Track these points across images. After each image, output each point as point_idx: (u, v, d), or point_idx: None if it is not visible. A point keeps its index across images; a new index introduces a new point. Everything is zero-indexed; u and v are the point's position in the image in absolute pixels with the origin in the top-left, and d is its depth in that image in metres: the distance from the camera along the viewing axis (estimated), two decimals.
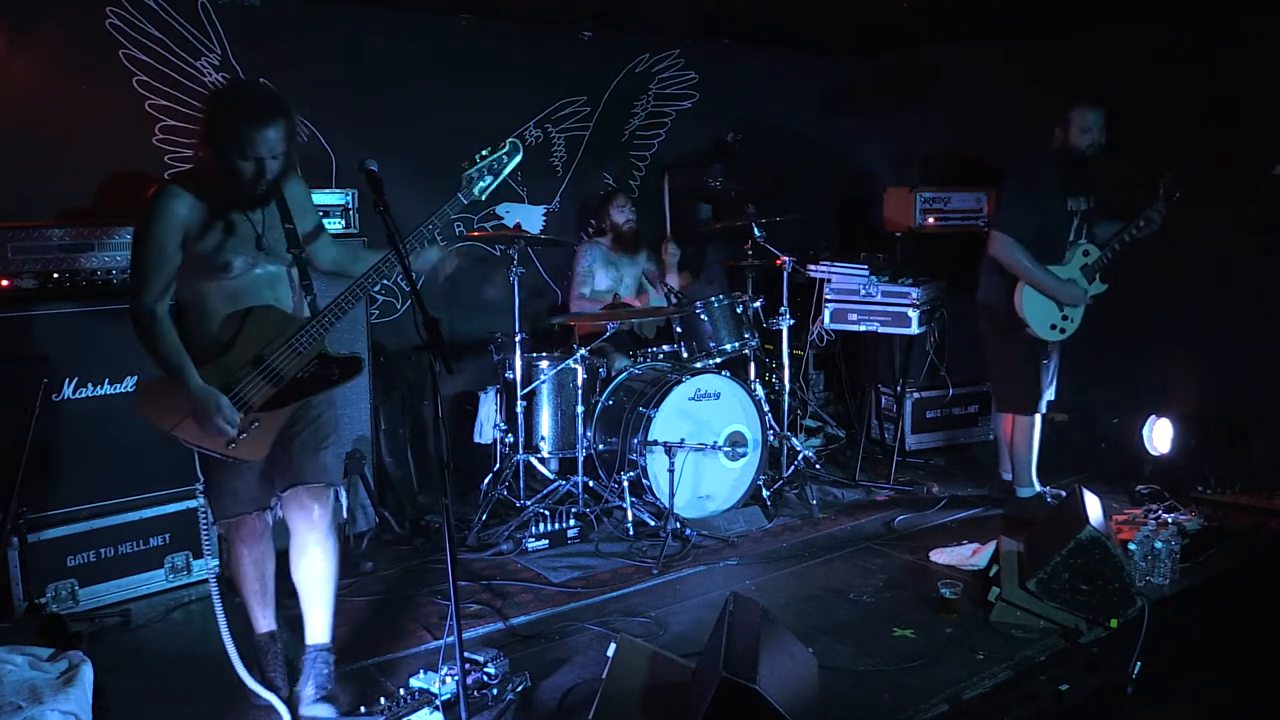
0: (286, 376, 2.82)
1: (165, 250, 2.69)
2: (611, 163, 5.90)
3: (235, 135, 2.64)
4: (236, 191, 2.73)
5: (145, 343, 2.70)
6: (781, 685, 2.47)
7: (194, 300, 2.79)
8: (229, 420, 2.70)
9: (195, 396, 2.67)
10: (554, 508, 4.41)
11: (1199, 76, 4.98)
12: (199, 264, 2.74)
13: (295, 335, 2.81)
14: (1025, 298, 4.31)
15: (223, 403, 2.70)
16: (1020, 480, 4.57)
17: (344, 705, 2.94)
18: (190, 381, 2.67)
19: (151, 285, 2.69)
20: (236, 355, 2.77)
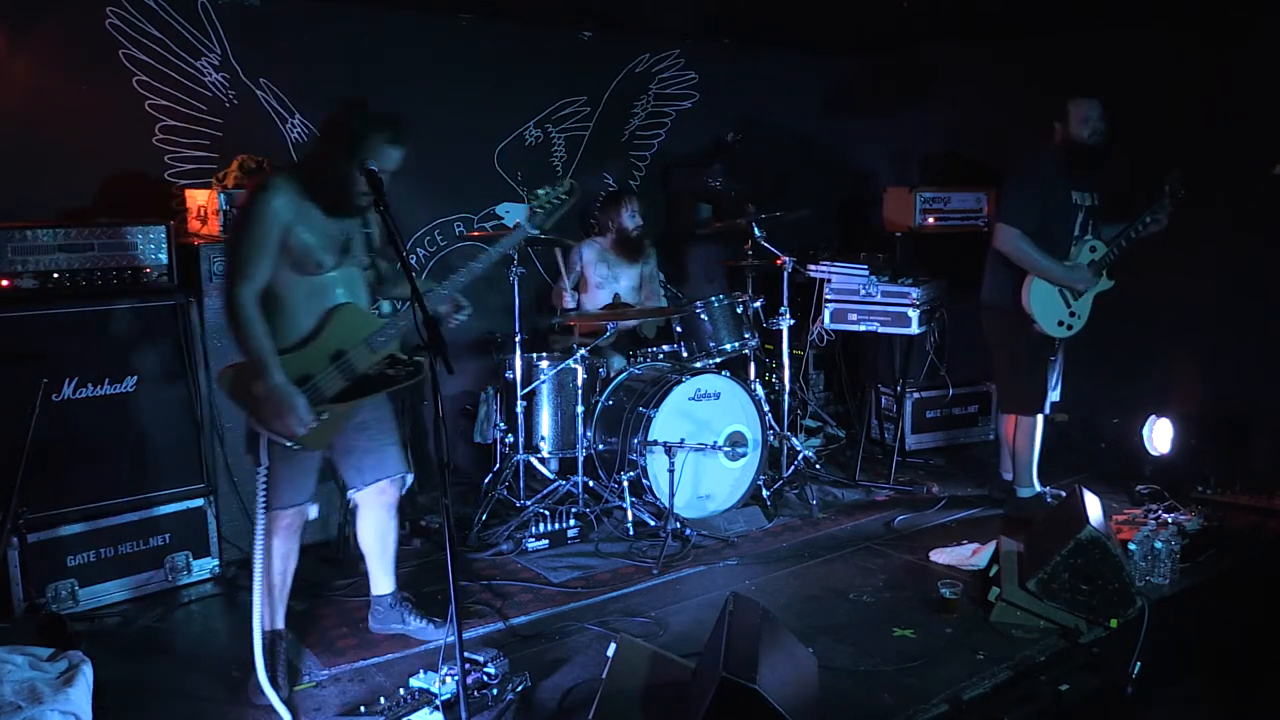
0: (359, 372, 2.96)
1: (267, 239, 2.79)
2: (611, 163, 5.90)
3: (370, 148, 2.80)
4: (341, 196, 2.87)
5: (238, 331, 2.81)
6: (781, 685, 2.47)
7: (279, 291, 2.87)
8: (302, 421, 2.82)
9: (276, 392, 2.78)
10: (554, 508, 4.41)
11: (1199, 76, 4.98)
12: (295, 257, 2.84)
13: (373, 334, 2.97)
14: (1033, 293, 4.30)
15: (300, 404, 2.81)
16: (1021, 480, 4.57)
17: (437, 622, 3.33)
18: (274, 377, 2.78)
19: (253, 275, 2.80)
20: (318, 348, 2.91)
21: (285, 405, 2.78)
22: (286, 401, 2.78)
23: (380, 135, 2.82)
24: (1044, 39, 5.66)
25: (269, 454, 2.90)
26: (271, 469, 2.93)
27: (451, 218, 5.33)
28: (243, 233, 2.82)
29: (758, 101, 6.30)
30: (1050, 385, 4.53)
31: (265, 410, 2.80)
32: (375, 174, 2.79)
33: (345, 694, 3.05)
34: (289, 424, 2.80)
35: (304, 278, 2.88)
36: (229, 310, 2.82)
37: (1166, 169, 4.36)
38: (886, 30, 5.90)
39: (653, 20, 5.58)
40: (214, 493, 3.89)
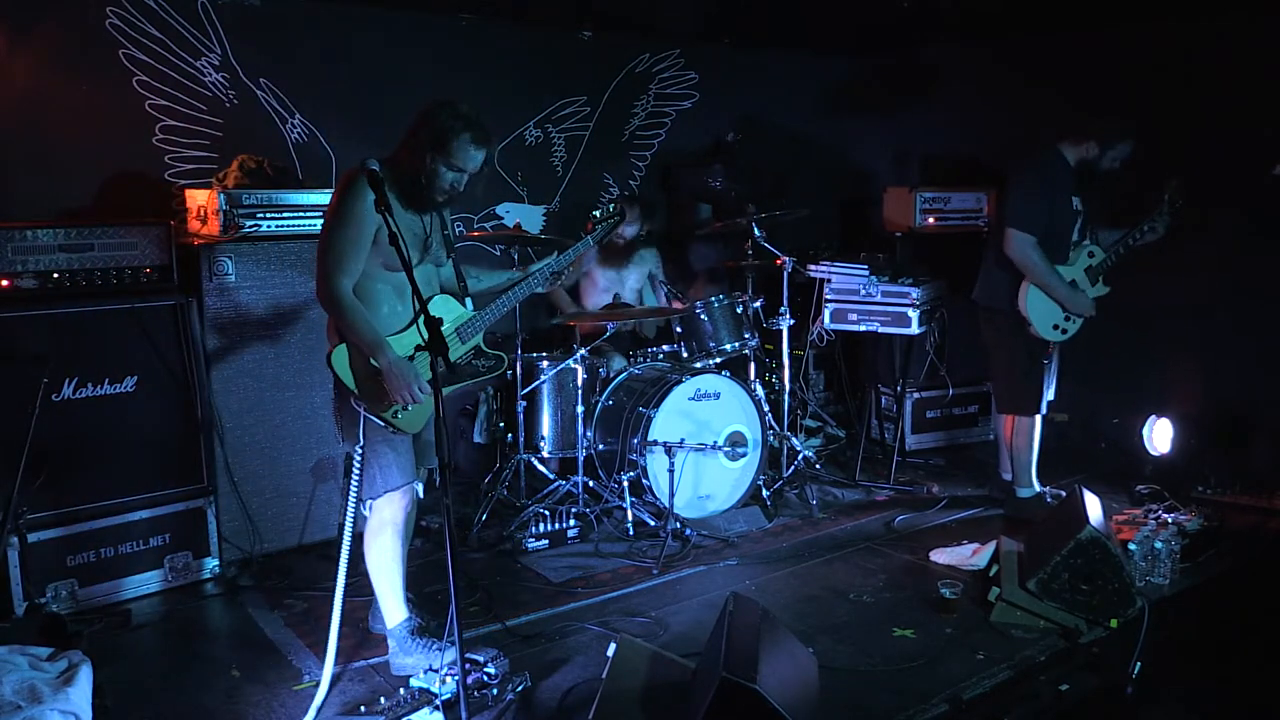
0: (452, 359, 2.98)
1: (363, 234, 2.87)
2: (611, 163, 5.90)
3: (456, 147, 2.90)
4: (425, 193, 2.97)
5: (344, 321, 2.88)
6: (781, 685, 2.47)
7: (370, 286, 2.96)
8: (423, 389, 2.90)
9: (398, 363, 2.87)
10: (554, 508, 4.40)
11: (1199, 76, 4.98)
12: (385, 255, 2.88)
13: (463, 325, 3.17)
14: (1030, 298, 4.30)
15: (417, 371, 2.92)
16: (1020, 481, 4.57)
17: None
18: (387, 351, 2.87)
19: (347, 267, 2.88)
20: (414, 335, 3.01)
21: (409, 374, 2.87)
22: (410, 371, 2.88)
23: (465, 135, 2.90)
24: (1045, 39, 5.66)
25: (365, 434, 2.97)
26: (377, 453, 3.00)
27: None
28: (340, 226, 2.88)
29: (758, 101, 6.30)
30: (1046, 386, 4.53)
31: (387, 383, 2.86)
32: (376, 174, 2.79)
33: (345, 694, 3.05)
34: (413, 391, 2.87)
35: (389, 273, 2.95)
36: (330, 304, 2.89)
37: (1168, 170, 4.35)
38: (886, 30, 5.91)
39: (653, 20, 5.58)
40: (214, 493, 3.88)
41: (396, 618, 3.17)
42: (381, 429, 2.98)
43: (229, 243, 3.91)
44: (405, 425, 3.02)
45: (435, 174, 2.92)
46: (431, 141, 2.90)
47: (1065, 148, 4.31)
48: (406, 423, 3.01)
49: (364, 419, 2.95)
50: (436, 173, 2.92)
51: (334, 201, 2.93)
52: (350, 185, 2.88)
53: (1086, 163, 4.29)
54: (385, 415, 2.96)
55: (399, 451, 3.07)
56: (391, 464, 3.05)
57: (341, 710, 2.95)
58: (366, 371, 2.92)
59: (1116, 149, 4.25)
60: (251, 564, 3.96)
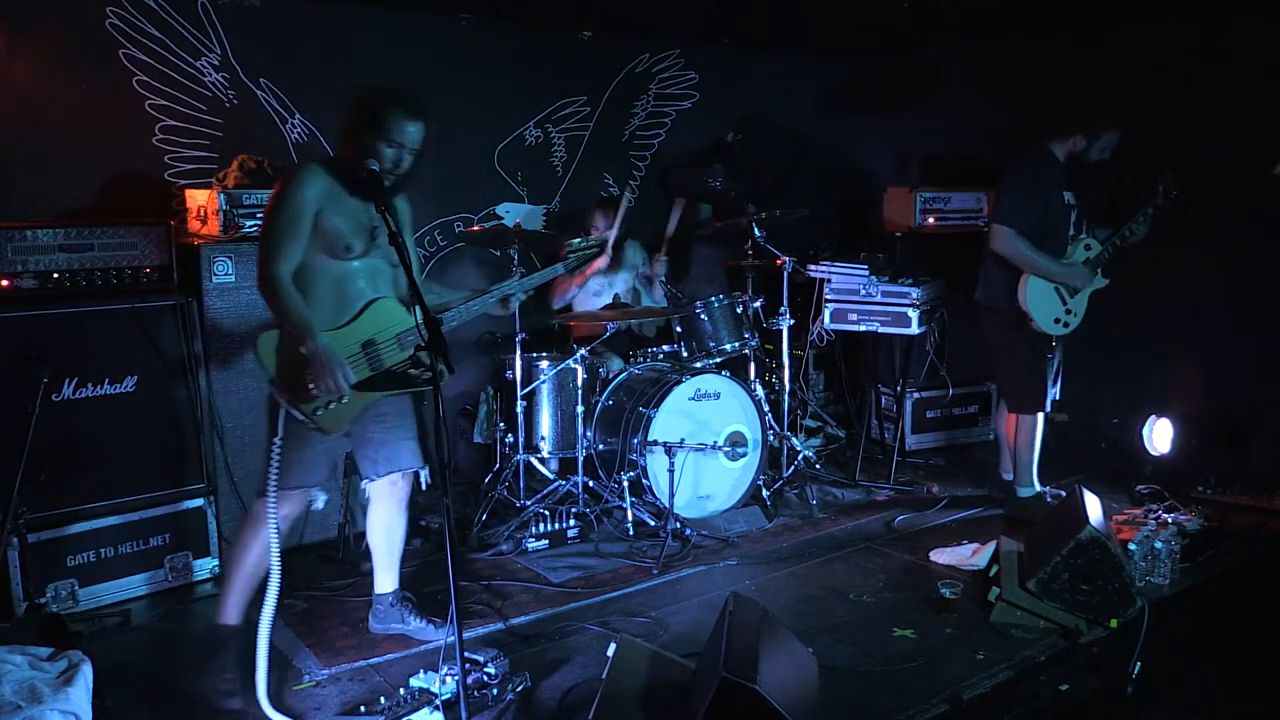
0: (385, 365, 3.03)
1: (301, 221, 2.89)
2: (611, 163, 5.90)
3: (387, 122, 2.92)
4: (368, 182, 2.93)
5: (276, 304, 2.89)
6: (781, 685, 2.47)
7: (311, 275, 2.95)
8: (347, 378, 2.88)
9: (324, 350, 2.85)
10: (554, 508, 4.41)
11: (1199, 76, 4.98)
12: (325, 240, 2.93)
13: (403, 332, 3.06)
14: (1029, 291, 4.31)
15: (343, 360, 2.88)
16: (1021, 480, 4.57)
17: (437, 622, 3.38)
18: (318, 338, 2.85)
19: (285, 252, 2.89)
20: (352, 332, 2.98)
21: (333, 362, 2.84)
22: (335, 359, 2.86)
23: (397, 109, 2.93)
24: (1044, 38, 5.66)
25: (284, 427, 2.93)
26: (286, 447, 2.94)
27: (451, 218, 5.33)
28: (276, 212, 2.91)
29: (758, 101, 6.30)
30: (1049, 382, 4.54)
31: (312, 369, 2.83)
32: (376, 174, 2.84)
33: (345, 694, 3.05)
34: (335, 381, 2.84)
35: (331, 261, 2.96)
36: (265, 287, 2.90)
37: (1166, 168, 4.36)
38: (886, 30, 5.91)
39: (653, 20, 5.58)
40: (214, 493, 3.88)
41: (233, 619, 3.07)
42: (300, 424, 2.93)
43: (229, 243, 3.91)
44: (325, 423, 2.94)
45: (375, 151, 2.92)
46: (366, 122, 2.93)
47: (1054, 145, 4.36)
48: (327, 421, 2.94)
49: (284, 412, 2.91)
50: (376, 150, 2.92)
51: (275, 191, 2.97)
52: (290, 174, 2.95)
53: (1075, 156, 4.33)
54: (306, 409, 2.90)
55: (308, 452, 3.00)
56: (297, 462, 2.98)
57: (341, 710, 2.95)
58: (294, 360, 2.86)
59: (1103, 139, 4.29)
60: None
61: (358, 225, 2.97)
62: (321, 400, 2.89)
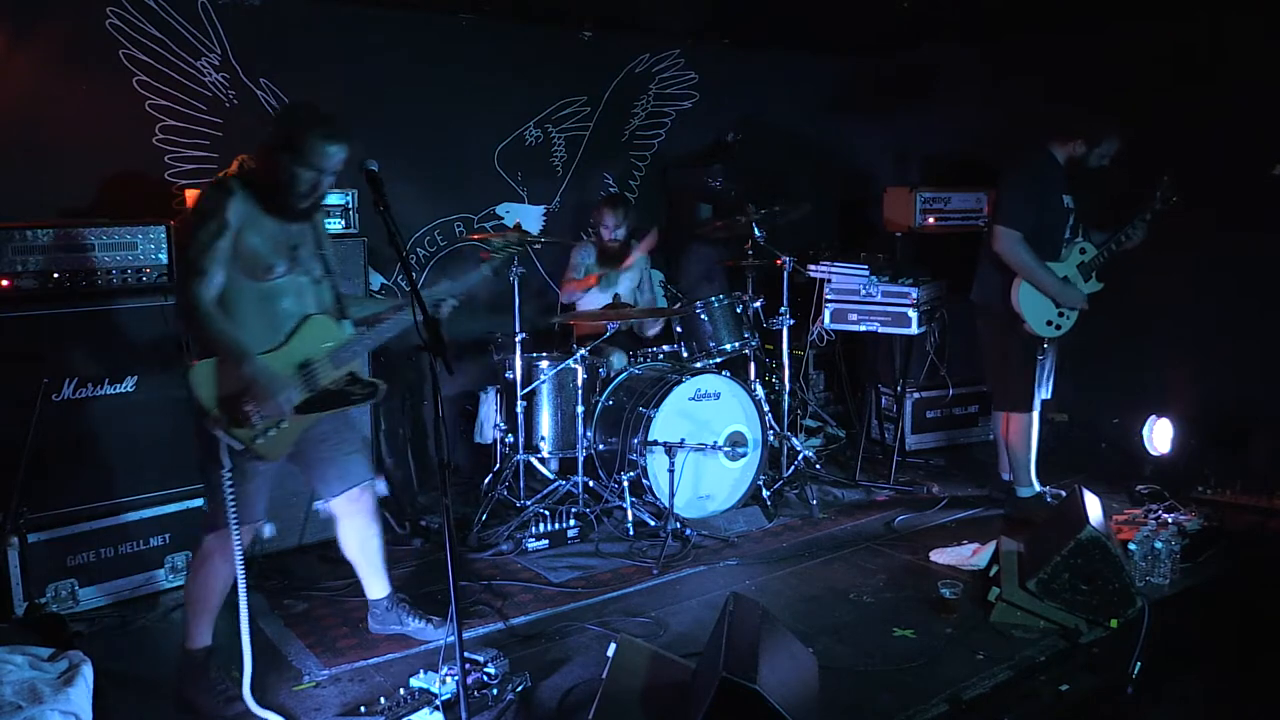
0: (321, 384, 2.96)
1: (220, 242, 2.78)
2: (611, 163, 5.90)
3: (307, 146, 2.81)
4: (286, 200, 2.87)
5: (201, 330, 2.78)
6: (781, 685, 2.47)
7: (234, 298, 2.85)
8: (290, 400, 2.81)
9: (264, 372, 2.76)
10: (554, 508, 4.41)
11: (1199, 76, 4.98)
12: (246, 261, 2.83)
13: (338, 349, 3.00)
14: (1022, 294, 4.32)
15: (285, 381, 2.81)
16: (1019, 480, 4.57)
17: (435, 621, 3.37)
18: (255, 360, 2.76)
19: (206, 276, 2.77)
20: (287, 355, 2.90)
21: (275, 383, 2.77)
22: (278, 379, 2.78)
23: (316, 133, 2.81)
24: (1044, 39, 5.65)
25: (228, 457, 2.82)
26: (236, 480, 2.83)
27: (451, 218, 5.33)
28: (195, 235, 2.79)
29: (758, 102, 6.30)
30: (1039, 382, 4.54)
31: (254, 393, 2.75)
32: (376, 174, 2.79)
33: (345, 694, 3.05)
34: (279, 403, 2.77)
35: (253, 283, 2.86)
36: (187, 312, 2.78)
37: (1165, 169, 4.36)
38: (886, 30, 5.90)
39: (653, 20, 5.58)
40: None
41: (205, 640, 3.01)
42: (239, 455, 2.83)
43: None
44: (266, 452, 2.86)
45: (293, 176, 2.83)
46: (284, 144, 2.82)
47: (1054, 148, 4.37)
48: (267, 449, 2.86)
49: (224, 444, 2.80)
50: (294, 174, 2.83)
51: (192, 210, 2.87)
52: (207, 192, 2.84)
53: (1075, 161, 4.34)
54: (244, 438, 2.80)
55: (250, 486, 2.91)
56: (253, 492, 2.91)
57: (341, 710, 2.95)
58: (232, 387, 2.77)
59: (1103, 145, 4.31)
60: (251, 564, 3.93)
61: (277, 245, 2.88)
62: (260, 427, 2.81)
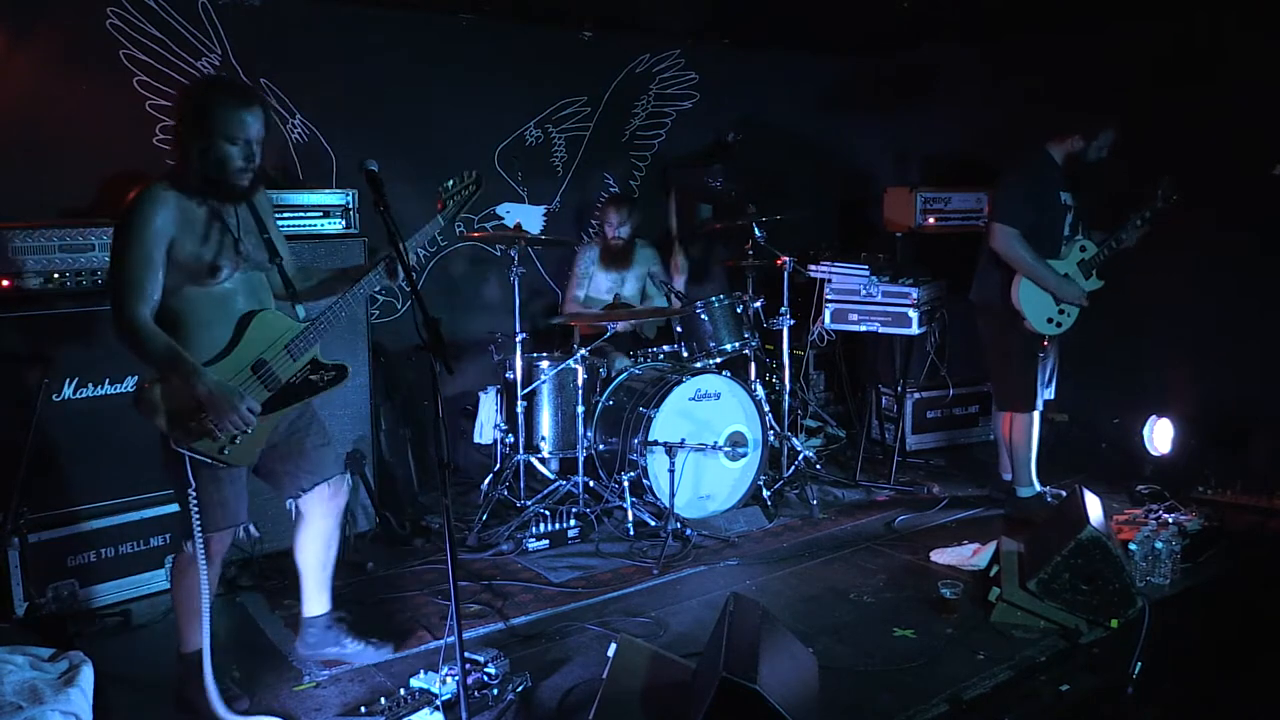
0: (282, 380, 2.86)
1: (153, 254, 2.64)
2: (612, 163, 5.90)
3: (224, 120, 2.65)
4: (223, 184, 2.72)
5: (139, 349, 2.64)
6: (782, 685, 2.47)
7: (178, 307, 2.72)
8: (252, 409, 2.70)
9: (217, 388, 2.64)
10: (554, 508, 4.41)
11: (1199, 76, 4.98)
12: (187, 268, 2.70)
13: (292, 340, 2.86)
14: (1022, 291, 4.32)
15: (241, 392, 2.69)
16: (1020, 480, 4.57)
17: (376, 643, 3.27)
18: (203, 376, 2.63)
19: (142, 291, 2.63)
20: (238, 358, 2.77)
21: (230, 399, 2.64)
22: (230, 395, 2.65)
23: (229, 102, 2.66)
24: (1044, 38, 5.65)
25: (194, 475, 2.73)
26: (202, 491, 2.76)
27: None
28: (124, 249, 2.63)
29: (758, 101, 6.30)
30: (1042, 383, 4.54)
31: (211, 412, 2.64)
32: (376, 175, 2.74)
33: (345, 694, 3.04)
34: (239, 415, 2.66)
35: (204, 289, 2.73)
36: (123, 333, 2.63)
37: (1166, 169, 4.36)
38: (886, 30, 5.91)
39: (653, 20, 5.58)
40: None
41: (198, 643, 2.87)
42: (209, 466, 2.75)
43: None
44: (236, 459, 2.78)
45: (223, 155, 2.67)
46: (202, 126, 2.65)
47: (1052, 147, 4.38)
48: (237, 456, 2.78)
49: (189, 460, 2.70)
50: (224, 154, 2.67)
51: (117, 225, 2.68)
52: (132, 204, 2.66)
53: (1074, 156, 4.35)
54: (210, 450, 2.71)
55: (227, 490, 2.83)
56: (216, 504, 2.81)
57: (342, 710, 2.95)
58: (185, 406, 2.65)
59: (1100, 138, 4.32)
60: (252, 564, 3.96)
61: (218, 244, 2.73)
62: (224, 438, 2.71)
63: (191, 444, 2.70)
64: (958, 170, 6.00)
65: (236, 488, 2.89)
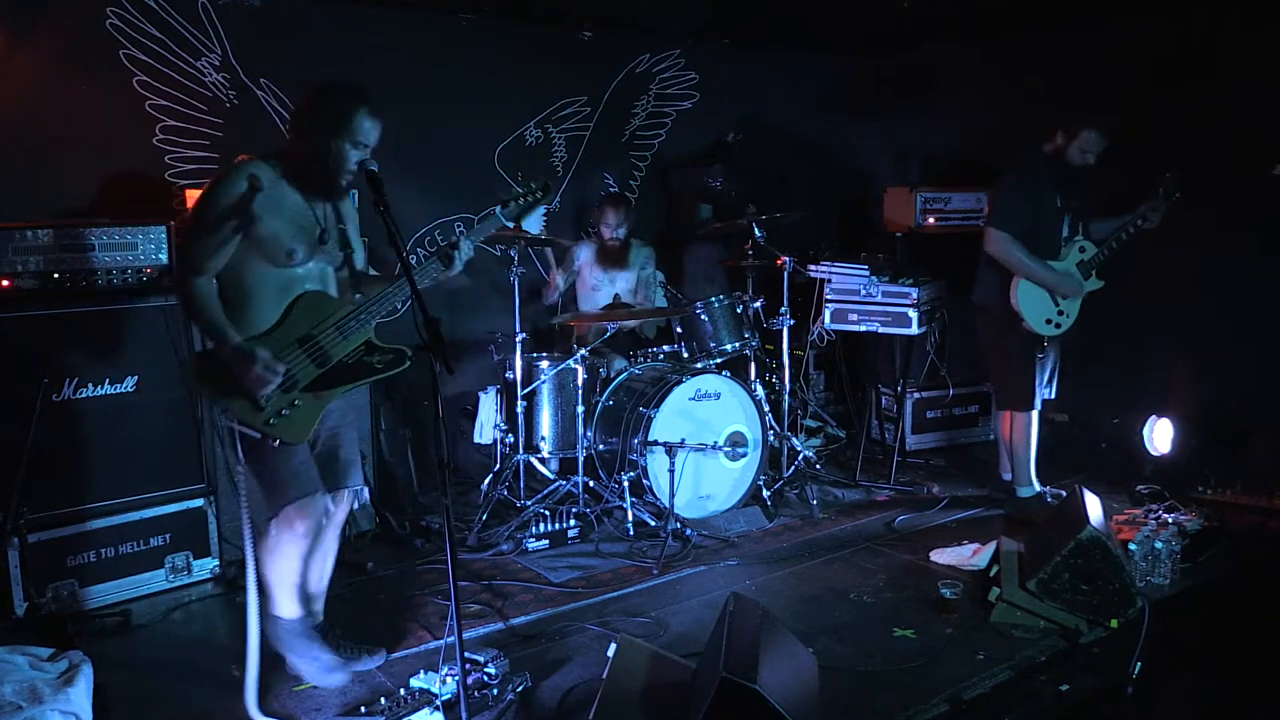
0: (333, 359, 2.86)
1: (229, 221, 2.68)
2: (612, 163, 5.90)
3: (360, 128, 2.77)
4: (331, 180, 2.81)
5: (192, 309, 2.72)
6: (782, 685, 2.47)
7: (248, 284, 2.77)
8: (270, 368, 2.69)
9: (237, 351, 2.68)
10: (554, 508, 4.41)
11: (1199, 76, 4.98)
12: (265, 246, 2.74)
13: (344, 319, 2.87)
14: (1020, 292, 4.33)
15: (261, 354, 2.69)
16: (1020, 480, 4.58)
17: None
18: (230, 338, 2.68)
19: (210, 254, 2.69)
20: (284, 333, 2.79)
21: (248, 356, 2.67)
22: (249, 352, 2.67)
23: (363, 109, 2.78)
24: (1044, 38, 5.65)
25: (251, 454, 2.78)
26: (268, 466, 2.81)
27: (451, 218, 5.33)
28: (204, 210, 2.69)
29: (758, 101, 6.30)
30: (1041, 382, 4.55)
31: (236, 375, 2.68)
32: (376, 175, 2.76)
33: (345, 694, 3.04)
34: (260, 377, 2.67)
35: (275, 270, 2.78)
36: (183, 289, 2.71)
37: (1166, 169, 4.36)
38: (886, 30, 5.91)
39: (653, 20, 5.58)
40: (214, 493, 3.89)
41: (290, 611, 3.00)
42: (259, 442, 2.76)
43: None
44: (284, 433, 2.77)
45: (341, 155, 2.77)
46: (331, 124, 2.76)
47: (1045, 147, 4.38)
48: (285, 430, 2.77)
49: (238, 434, 2.75)
50: (342, 154, 2.77)
51: (205, 191, 2.75)
52: (219, 177, 2.74)
53: (1058, 154, 4.34)
54: (256, 422, 2.73)
55: (295, 461, 2.84)
56: (284, 477, 2.82)
57: (342, 710, 2.95)
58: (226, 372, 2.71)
59: (1081, 138, 4.26)
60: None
61: (300, 230, 2.79)
62: (271, 407, 2.73)
63: (238, 415, 2.73)
64: (958, 170, 6.00)
65: (303, 458, 2.88)
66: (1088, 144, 4.26)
